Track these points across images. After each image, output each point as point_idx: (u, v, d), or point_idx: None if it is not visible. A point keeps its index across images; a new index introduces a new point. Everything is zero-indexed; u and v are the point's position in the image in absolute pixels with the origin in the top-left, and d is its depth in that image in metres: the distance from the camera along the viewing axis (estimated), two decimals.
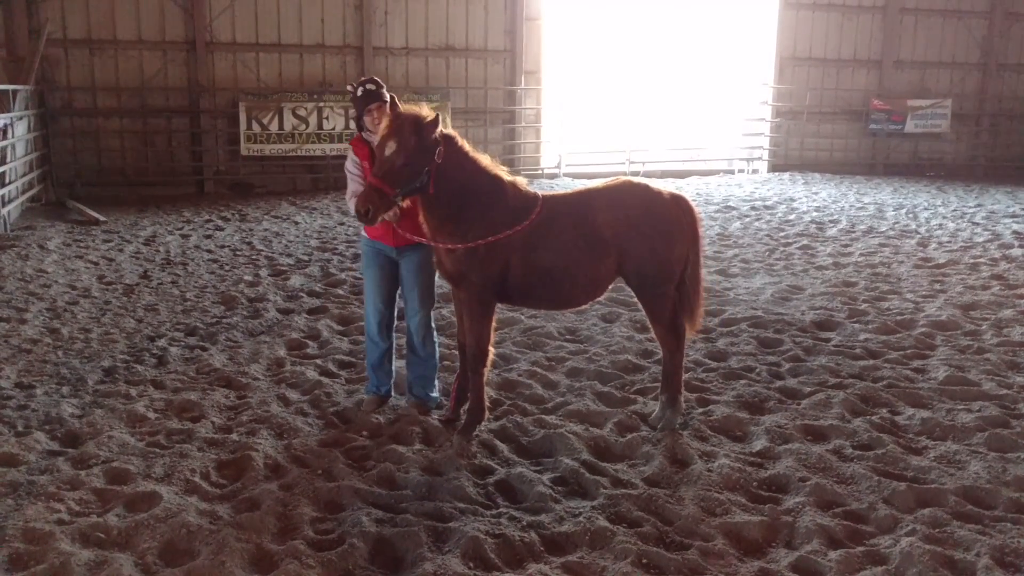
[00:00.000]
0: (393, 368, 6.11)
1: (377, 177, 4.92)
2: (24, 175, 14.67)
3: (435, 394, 6.03)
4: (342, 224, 13.90)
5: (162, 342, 7.50)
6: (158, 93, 17.90)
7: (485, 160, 5.33)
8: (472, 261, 5.19)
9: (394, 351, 6.08)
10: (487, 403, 5.65)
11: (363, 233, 5.83)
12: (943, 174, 23.49)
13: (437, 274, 5.72)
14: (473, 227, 5.15)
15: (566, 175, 21.14)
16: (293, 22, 18.61)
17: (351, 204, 5.46)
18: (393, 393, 6.15)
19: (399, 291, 5.91)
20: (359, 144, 5.63)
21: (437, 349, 6.02)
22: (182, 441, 5.41)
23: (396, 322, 6.06)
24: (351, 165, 5.64)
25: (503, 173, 5.36)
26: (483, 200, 5.19)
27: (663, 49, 24.27)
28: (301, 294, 9.27)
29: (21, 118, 14.56)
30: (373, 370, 6.04)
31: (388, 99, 5.56)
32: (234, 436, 5.48)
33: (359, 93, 5.55)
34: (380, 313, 5.89)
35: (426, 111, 5.03)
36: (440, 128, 5.01)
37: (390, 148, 4.91)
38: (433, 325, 5.94)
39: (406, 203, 5.17)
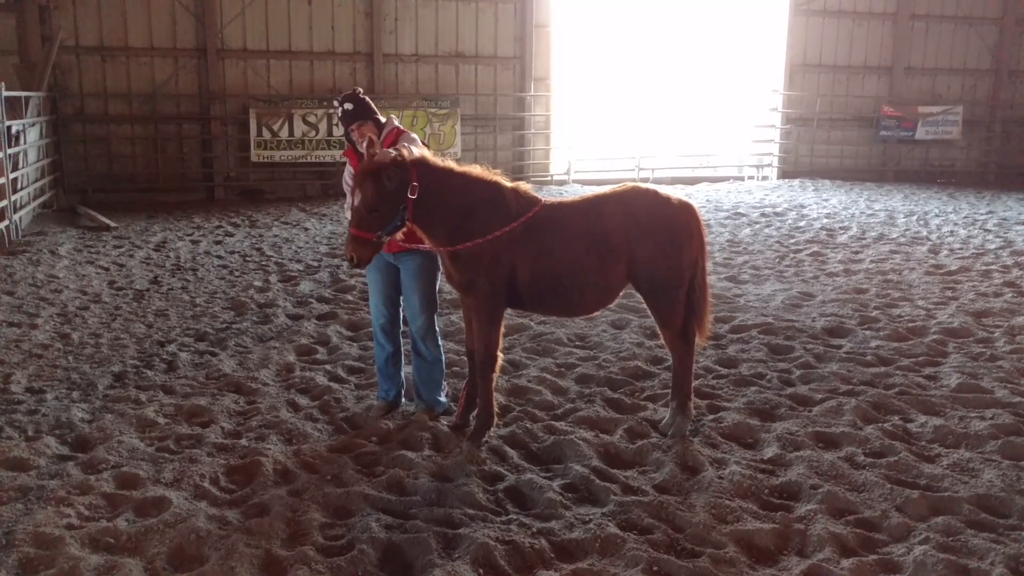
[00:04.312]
0: (401, 374, 6.10)
1: (354, 227, 5.02)
2: (35, 181, 14.76)
3: (443, 398, 6.02)
4: None
5: (172, 347, 7.51)
6: (169, 100, 18.01)
7: (476, 170, 5.30)
8: (478, 268, 5.19)
9: (402, 356, 6.07)
10: (496, 409, 5.63)
11: None
12: (954, 181, 23.42)
13: (442, 279, 5.72)
14: (478, 236, 5.15)
15: (575, 181, 21.15)
16: (303, 29, 18.70)
17: (349, 215, 5.58)
18: (404, 400, 6.14)
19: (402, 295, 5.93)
20: (351, 155, 5.68)
21: (442, 353, 6.01)
22: (191, 446, 5.41)
23: (403, 327, 6.06)
24: (347, 176, 5.69)
25: (501, 179, 5.35)
26: (485, 208, 5.19)
27: (673, 55, 24.28)
28: (311, 300, 9.28)
29: (33, 124, 14.66)
30: (380, 374, 6.05)
31: (372, 115, 5.50)
32: (243, 441, 5.47)
33: (340, 113, 5.55)
34: (383, 316, 5.91)
35: (394, 154, 4.96)
36: (405, 165, 4.96)
37: (358, 198, 4.98)
38: (437, 329, 5.93)
39: (400, 236, 5.22)
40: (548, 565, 4.11)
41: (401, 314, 6.00)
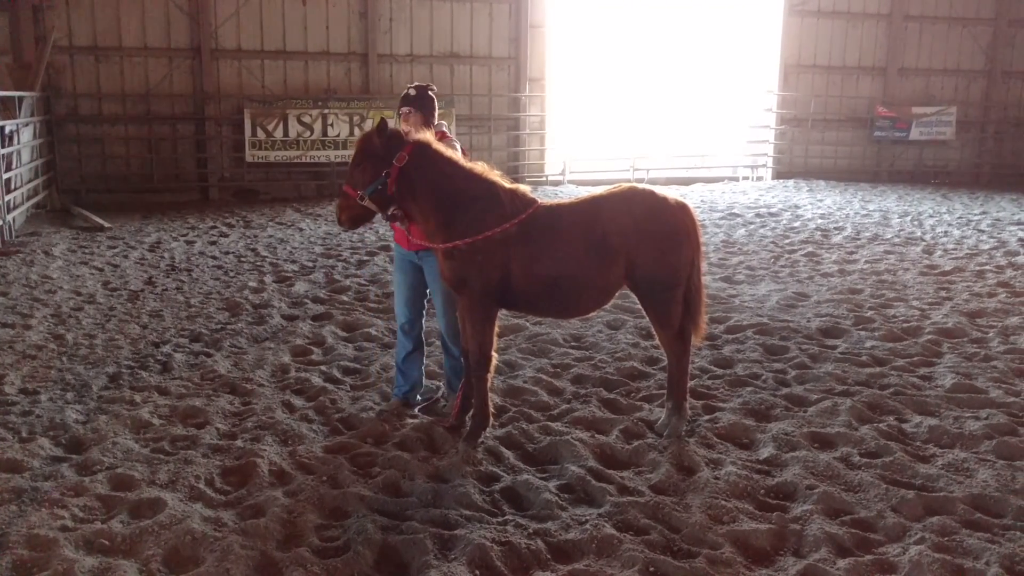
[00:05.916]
0: (418, 371, 6.14)
1: (344, 183, 5.33)
2: (29, 181, 14.70)
3: None
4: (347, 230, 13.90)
5: (167, 348, 7.49)
6: (163, 100, 17.96)
7: (477, 167, 5.33)
8: (471, 267, 5.19)
9: (422, 355, 6.12)
10: (492, 410, 5.63)
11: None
12: (948, 181, 23.47)
13: None
14: (468, 232, 5.16)
15: (570, 182, 21.15)
16: (298, 29, 18.67)
17: None
18: (418, 396, 6.18)
19: (427, 295, 6.01)
20: None
21: None
22: (187, 447, 5.39)
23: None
24: None
25: (499, 179, 5.35)
26: (477, 206, 5.20)
27: (668, 56, 24.30)
28: (306, 300, 9.26)
29: (27, 124, 14.60)
30: (396, 369, 6.14)
31: (424, 109, 5.64)
32: (239, 442, 5.46)
33: (403, 96, 5.77)
34: (404, 316, 6.01)
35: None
36: (398, 132, 5.22)
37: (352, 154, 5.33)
38: None
39: (393, 210, 5.30)
40: (544, 566, 4.11)
41: (424, 315, 6.07)
